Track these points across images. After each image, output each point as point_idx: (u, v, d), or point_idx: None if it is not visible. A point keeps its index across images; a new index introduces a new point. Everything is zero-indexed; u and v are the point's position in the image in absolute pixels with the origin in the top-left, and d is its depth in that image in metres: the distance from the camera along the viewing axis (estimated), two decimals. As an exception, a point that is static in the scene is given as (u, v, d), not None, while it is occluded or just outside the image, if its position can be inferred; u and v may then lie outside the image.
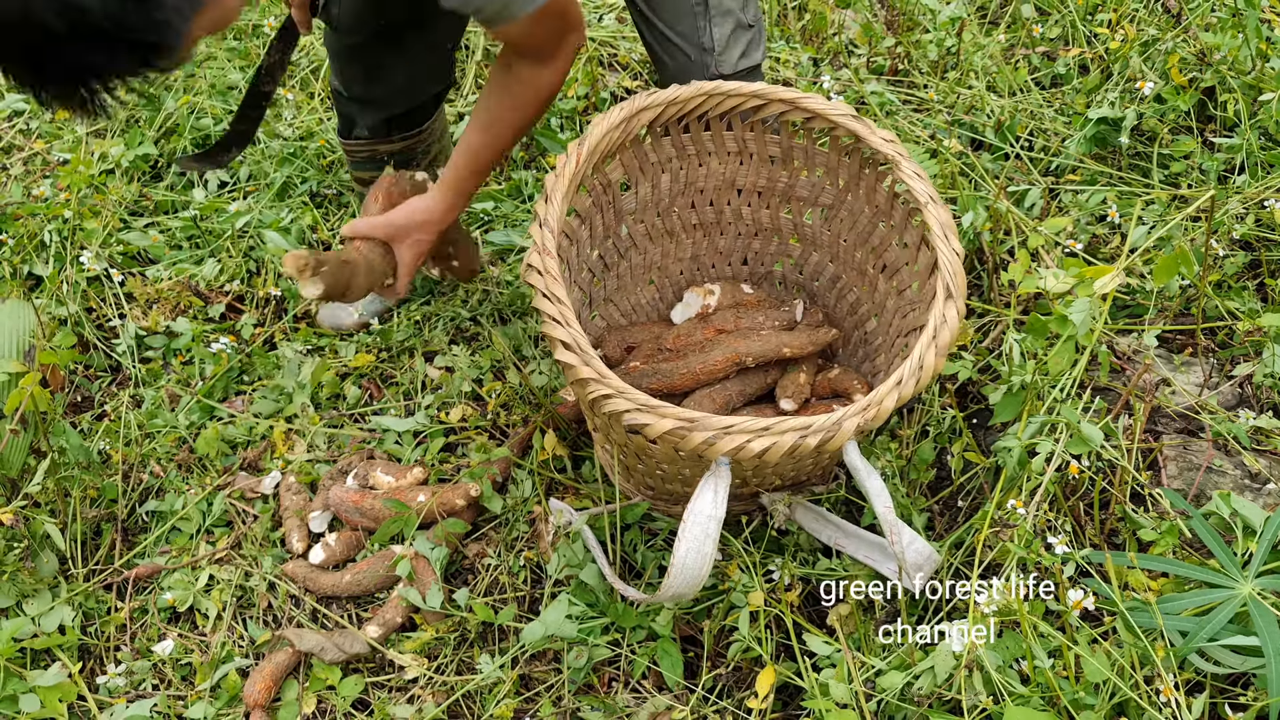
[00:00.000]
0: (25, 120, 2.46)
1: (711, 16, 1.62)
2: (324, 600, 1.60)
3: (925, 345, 1.24)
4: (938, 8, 2.49)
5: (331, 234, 2.21)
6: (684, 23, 1.62)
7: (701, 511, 1.22)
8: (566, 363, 1.24)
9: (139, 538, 1.66)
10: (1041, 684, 1.22)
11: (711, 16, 1.62)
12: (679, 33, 1.63)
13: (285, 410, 1.84)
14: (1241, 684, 1.28)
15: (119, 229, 2.17)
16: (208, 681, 1.47)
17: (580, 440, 1.75)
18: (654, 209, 1.74)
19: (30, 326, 1.67)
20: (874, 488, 1.23)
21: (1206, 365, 1.67)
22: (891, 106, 2.31)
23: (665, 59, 1.68)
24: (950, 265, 1.31)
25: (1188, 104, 2.06)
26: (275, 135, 2.37)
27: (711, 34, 1.62)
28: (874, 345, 1.67)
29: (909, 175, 1.43)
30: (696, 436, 1.18)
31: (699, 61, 1.64)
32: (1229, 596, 1.22)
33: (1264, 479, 1.47)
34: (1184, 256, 1.33)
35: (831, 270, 1.77)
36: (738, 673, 1.47)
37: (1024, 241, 1.85)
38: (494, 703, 1.43)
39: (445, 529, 1.57)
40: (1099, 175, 2.08)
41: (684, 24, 1.62)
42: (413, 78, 1.82)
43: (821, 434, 1.18)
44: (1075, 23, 2.48)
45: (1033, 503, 1.36)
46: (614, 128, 1.47)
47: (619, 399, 1.20)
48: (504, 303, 2.02)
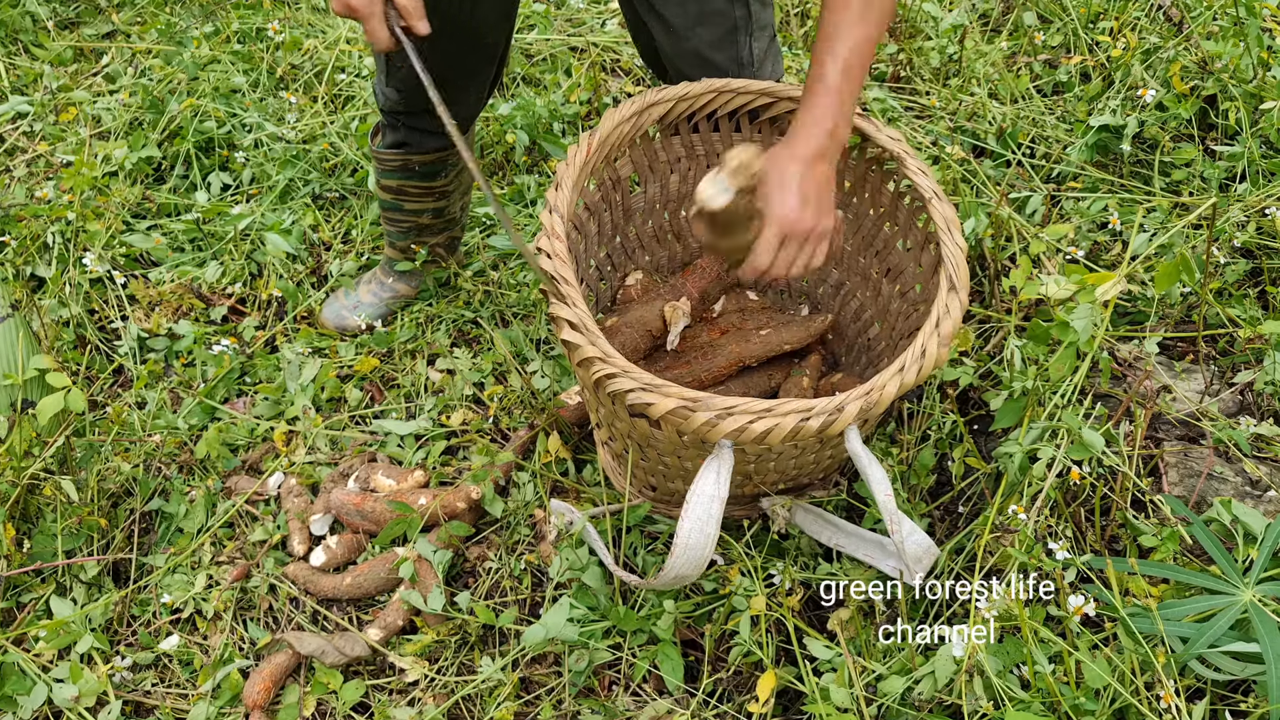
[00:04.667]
0: (29, 122, 2.46)
1: (753, 30, 1.54)
2: (324, 602, 1.60)
3: (928, 334, 1.24)
4: (940, 15, 2.50)
5: (333, 235, 2.21)
6: (724, 39, 1.53)
7: (704, 492, 1.22)
8: (572, 343, 1.24)
9: (142, 538, 1.67)
10: (1042, 689, 1.22)
11: (753, 30, 1.54)
12: (718, 51, 1.54)
13: (287, 413, 1.84)
14: (1242, 691, 1.28)
15: (122, 231, 2.17)
16: (209, 682, 1.47)
17: (582, 444, 1.75)
18: (662, 210, 1.74)
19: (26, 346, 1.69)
20: (875, 475, 1.23)
21: (1207, 372, 1.67)
22: (894, 113, 2.31)
23: (696, 79, 1.55)
24: (954, 258, 1.31)
25: (1189, 112, 2.07)
26: (278, 138, 2.37)
27: (752, 48, 1.55)
28: (877, 351, 1.68)
29: (914, 171, 1.43)
30: (699, 417, 1.18)
31: (737, 78, 1.56)
32: (1230, 603, 1.22)
33: (1265, 486, 1.47)
34: (1185, 264, 1.33)
35: (835, 275, 1.77)
36: (738, 677, 1.47)
37: (1025, 248, 1.86)
38: (494, 705, 1.43)
39: (448, 531, 1.57)
40: (1100, 182, 2.08)
41: (724, 40, 1.53)
42: (496, 75, 1.74)
43: (824, 416, 1.18)
44: (1077, 30, 2.48)
45: (1034, 508, 1.36)
46: (625, 120, 1.48)
47: (623, 379, 1.20)
48: (506, 305, 2.02)
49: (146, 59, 2.62)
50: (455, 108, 1.75)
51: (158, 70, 2.53)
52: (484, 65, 1.67)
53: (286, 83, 2.53)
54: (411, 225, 1.93)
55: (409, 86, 1.67)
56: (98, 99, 2.50)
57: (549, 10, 2.75)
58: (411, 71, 1.63)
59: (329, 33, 2.67)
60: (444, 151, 1.81)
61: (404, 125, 1.76)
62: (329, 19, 2.76)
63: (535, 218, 2.20)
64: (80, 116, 2.45)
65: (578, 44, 2.65)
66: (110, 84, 2.59)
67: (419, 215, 1.92)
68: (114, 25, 2.80)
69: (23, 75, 2.62)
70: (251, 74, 2.52)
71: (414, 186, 1.85)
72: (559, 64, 2.62)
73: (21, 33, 2.77)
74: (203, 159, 2.36)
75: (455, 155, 1.83)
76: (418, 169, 1.82)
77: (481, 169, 1.92)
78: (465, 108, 1.75)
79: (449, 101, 1.74)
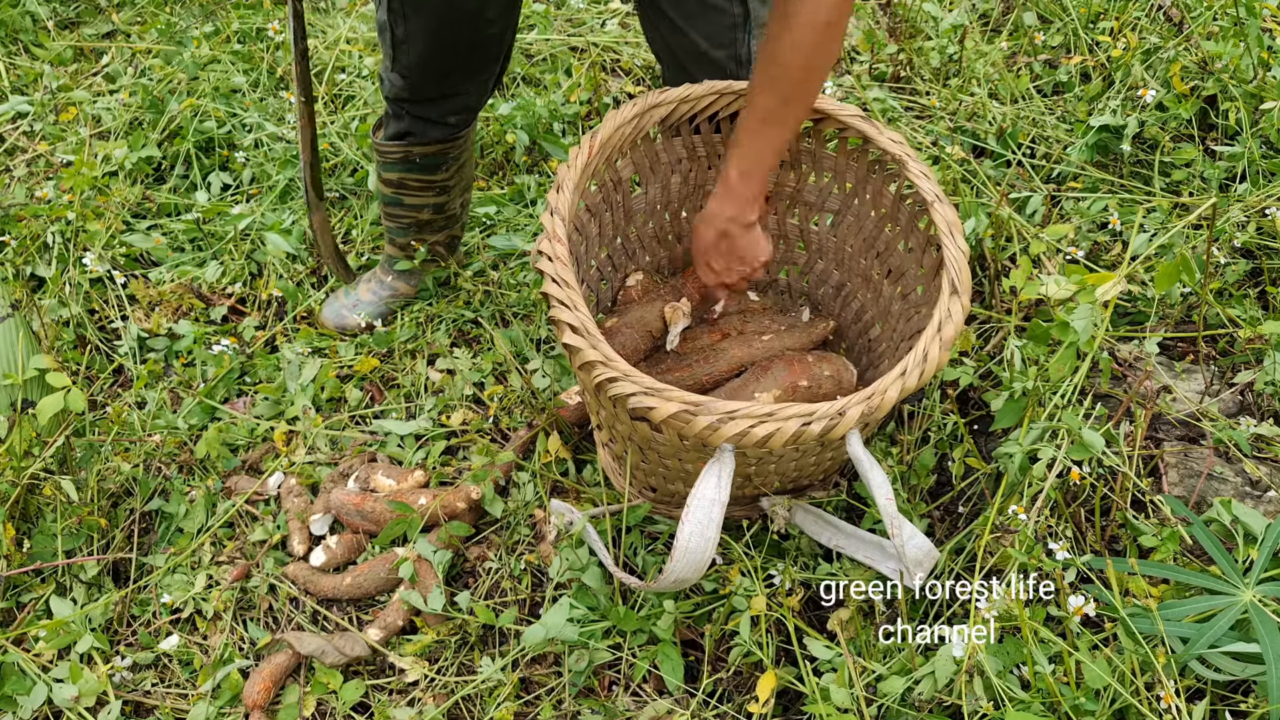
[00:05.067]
0: (29, 122, 2.46)
1: (751, 28, 1.55)
2: (324, 602, 1.60)
3: (930, 338, 1.24)
4: (940, 15, 2.50)
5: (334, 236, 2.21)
6: (723, 36, 1.54)
7: (705, 495, 1.22)
8: (574, 346, 1.24)
9: (142, 538, 1.67)
10: (1042, 689, 1.22)
11: (751, 28, 1.55)
12: (717, 47, 1.55)
13: (287, 412, 1.84)
14: (1242, 691, 1.28)
15: (122, 231, 2.17)
16: (209, 682, 1.47)
17: (583, 444, 1.75)
18: (663, 211, 1.75)
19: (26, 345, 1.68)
20: (876, 479, 1.23)
21: (1207, 372, 1.67)
22: (894, 113, 2.31)
23: (696, 75, 1.58)
24: (956, 262, 1.31)
25: (1189, 112, 2.07)
26: (278, 138, 2.37)
27: (750, 46, 1.56)
28: (878, 352, 1.68)
29: (916, 175, 1.44)
30: (701, 421, 1.18)
31: (735, 76, 1.58)
32: (1230, 603, 1.22)
33: (1265, 486, 1.47)
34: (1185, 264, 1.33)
35: (836, 277, 1.77)
36: (738, 677, 1.47)
37: (1026, 248, 1.86)
38: (494, 705, 1.43)
39: (448, 531, 1.57)
40: (1101, 182, 2.08)
41: (723, 37, 1.54)
42: (500, 69, 1.76)
43: (825, 421, 1.18)
44: (1077, 30, 2.48)
45: (1034, 509, 1.36)
46: (626, 122, 1.48)
47: (625, 382, 1.21)
48: (506, 305, 2.02)
49: (146, 59, 2.62)
50: (458, 99, 1.77)
51: (158, 70, 2.53)
52: (489, 57, 1.69)
53: (287, 82, 2.53)
54: (412, 221, 1.93)
55: (415, 74, 1.68)
56: (98, 99, 2.50)
57: (549, 10, 2.75)
58: (417, 59, 1.66)
59: (329, 33, 2.67)
60: (446, 143, 1.81)
61: (408, 114, 1.77)
62: (329, 19, 2.76)
63: (536, 218, 2.20)
64: (80, 116, 2.45)
65: (578, 44, 2.65)
66: (110, 84, 2.59)
67: (419, 210, 1.92)
68: (114, 25, 2.80)
69: (23, 75, 2.62)
70: (251, 74, 2.52)
71: (415, 180, 1.86)
72: (559, 64, 2.62)
73: (21, 32, 2.77)
74: (203, 159, 2.36)
75: (456, 149, 1.84)
76: (419, 161, 1.82)
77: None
78: (469, 98, 1.75)
79: (455, 90, 1.76)
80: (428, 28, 1.58)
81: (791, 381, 1.50)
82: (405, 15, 1.58)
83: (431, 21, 1.57)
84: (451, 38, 1.60)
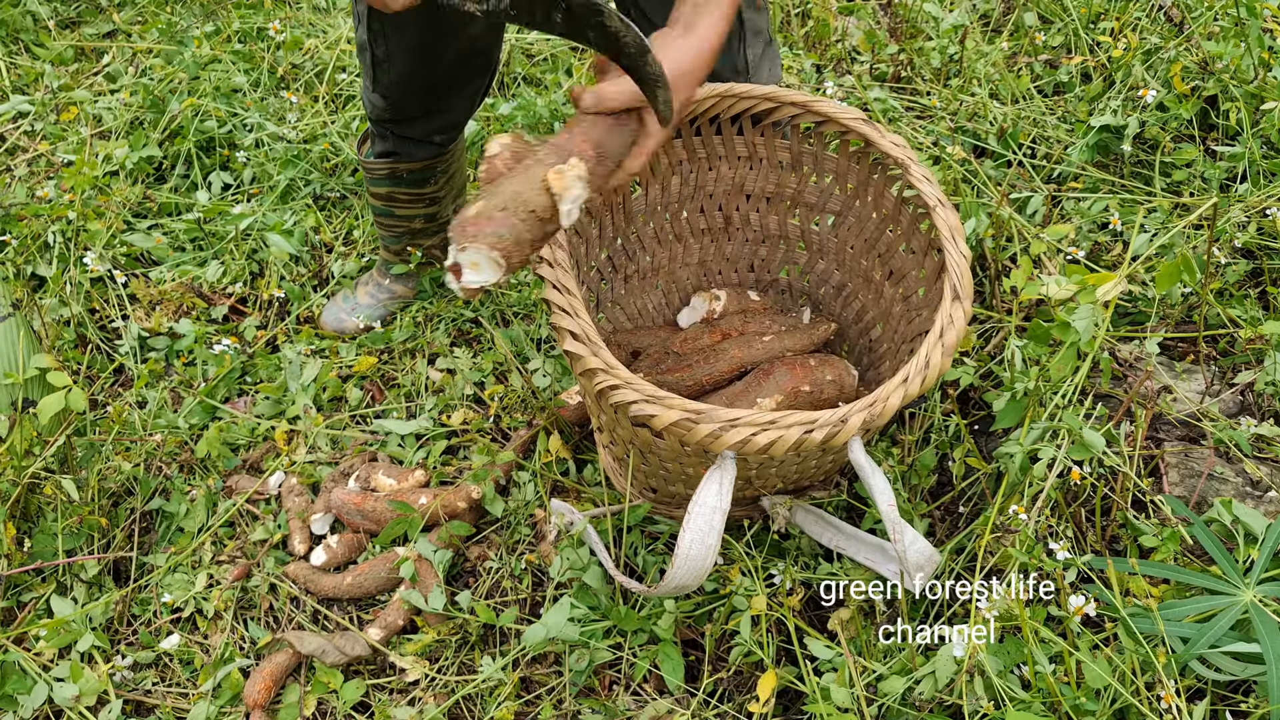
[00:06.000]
0: (30, 122, 2.46)
1: (746, 37, 1.56)
2: (325, 602, 1.60)
3: (932, 344, 1.24)
4: (940, 15, 2.50)
5: (334, 236, 2.22)
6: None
7: (706, 503, 1.22)
8: (575, 353, 1.24)
9: (143, 538, 1.67)
10: (1043, 689, 1.22)
11: (746, 37, 1.56)
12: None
13: (288, 412, 1.84)
14: (1242, 691, 1.28)
15: (122, 230, 2.17)
16: (210, 681, 1.47)
17: (583, 443, 1.75)
18: (664, 211, 1.75)
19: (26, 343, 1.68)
20: (878, 485, 1.23)
21: (1208, 372, 1.67)
22: (894, 113, 2.31)
23: None
24: (958, 267, 1.31)
25: (1190, 112, 2.07)
26: (279, 138, 2.37)
27: (746, 55, 1.57)
28: (879, 353, 1.68)
29: (918, 179, 1.44)
30: (702, 429, 1.18)
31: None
32: (1230, 603, 1.22)
33: (1265, 486, 1.47)
34: (1186, 264, 1.33)
35: (838, 277, 1.77)
36: (739, 677, 1.47)
37: (1026, 248, 1.86)
38: (495, 705, 1.43)
39: (449, 531, 1.58)
40: (1101, 183, 2.08)
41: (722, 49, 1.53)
42: (486, 86, 1.74)
43: (827, 429, 1.18)
44: (1078, 31, 2.49)
45: (1034, 508, 1.36)
46: None
47: (626, 390, 1.21)
48: (506, 304, 2.02)
49: (147, 58, 2.62)
50: (443, 115, 1.76)
51: (159, 70, 2.53)
52: (476, 69, 1.68)
53: (287, 82, 2.53)
54: (404, 230, 1.94)
55: (396, 94, 1.67)
56: (99, 98, 2.50)
57: (550, 10, 2.74)
58: (398, 77, 1.64)
59: (330, 32, 2.67)
60: (432, 160, 1.80)
61: (392, 134, 1.76)
62: (330, 19, 2.76)
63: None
64: (81, 116, 2.45)
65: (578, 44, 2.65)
66: (111, 83, 2.59)
67: (411, 220, 1.92)
68: (115, 25, 2.80)
69: (24, 75, 2.62)
70: (252, 73, 2.52)
71: (404, 194, 1.85)
72: (559, 64, 2.62)
73: (22, 32, 2.77)
74: (204, 158, 2.36)
75: (444, 162, 1.83)
76: (406, 176, 1.82)
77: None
78: (454, 115, 1.75)
79: (439, 108, 1.74)
80: (409, 45, 1.57)
81: (793, 386, 1.50)
82: (386, 34, 1.57)
83: (413, 39, 1.56)
84: (435, 53, 1.59)
